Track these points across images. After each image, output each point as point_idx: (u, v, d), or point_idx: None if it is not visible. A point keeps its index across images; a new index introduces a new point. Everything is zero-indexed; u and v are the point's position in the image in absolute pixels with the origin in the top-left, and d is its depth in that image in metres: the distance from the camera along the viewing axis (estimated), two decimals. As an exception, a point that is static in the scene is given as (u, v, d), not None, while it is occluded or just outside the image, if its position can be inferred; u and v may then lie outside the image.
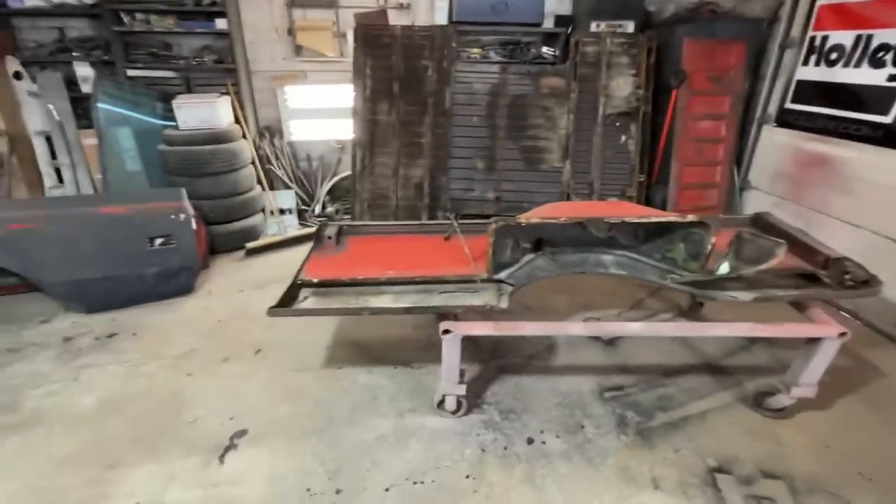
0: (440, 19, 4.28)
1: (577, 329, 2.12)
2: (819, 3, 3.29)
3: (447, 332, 1.93)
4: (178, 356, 2.64)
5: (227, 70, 4.34)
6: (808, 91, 3.40)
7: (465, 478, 1.90)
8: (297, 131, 4.79)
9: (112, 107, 3.77)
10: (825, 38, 3.23)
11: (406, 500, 1.81)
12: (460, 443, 2.07)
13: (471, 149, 4.19)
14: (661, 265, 2.23)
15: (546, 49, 4.48)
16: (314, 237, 2.50)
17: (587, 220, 2.15)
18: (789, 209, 3.57)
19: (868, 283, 2.05)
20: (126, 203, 3.10)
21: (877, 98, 2.86)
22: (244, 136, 4.18)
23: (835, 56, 3.15)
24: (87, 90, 4.03)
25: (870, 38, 2.90)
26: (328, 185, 4.81)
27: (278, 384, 2.43)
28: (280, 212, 4.44)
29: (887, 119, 2.81)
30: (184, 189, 3.31)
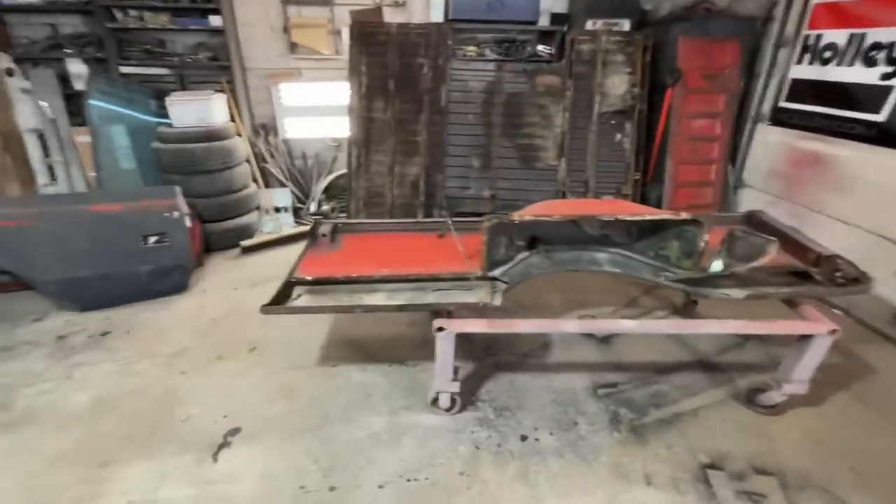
0: (436, 17, 4.27)
1: (570, 326, 2.12)
2: (813, 1, 3.30)
3: (441, 329, 1.93)
4: (172, 354, 2.63)
5: (221, 67, 4.33)
6: (802, 90, 3.41)
7: (459, 475, 1.90)
8: (293, 129, 4.78)
9: (105, 104, 3.75)
10: (819, 37, 3.25)
11: (400, 497, 1.81)
12: (454, 440, 2.07)
13: (466, 147, 4.19)
14: (654, 263, 2.24)
15: (542, 47, 4.48)
16: (309, 235, 2.49)
17: (581, 218, 2.16)
18: (783, 207, 3.59)
19: (859, 280, 2.07)
20: (120, 201, 3.09)
21: (870, 96, 2.87)
22: (239, 134, 4.17)
23: (828, 55, 3.16)
24: (81, 87, 4.00)
25: (863, 36, 2.92)
26: (324, 183, 4.80)
27: (272, 382, 2.42)
28: (275, 210, 4.42)
29: (880, 117, 2.82)
30: (178, 187, 3.30)
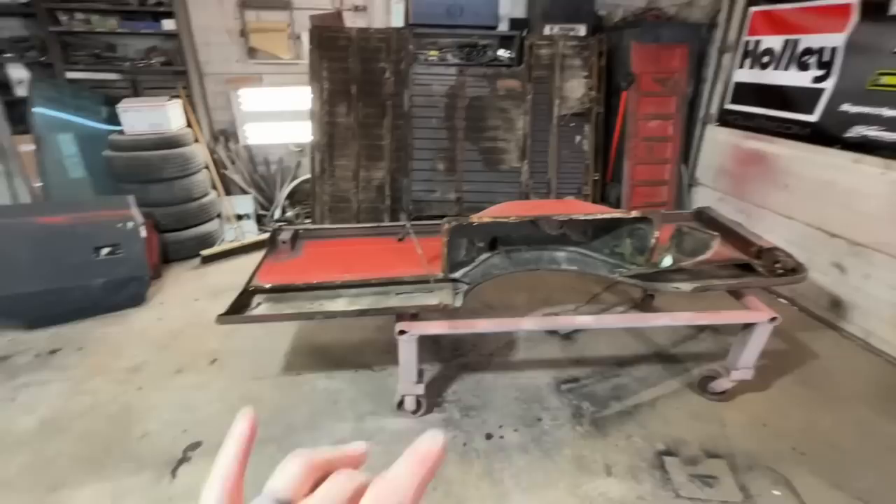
0: (396, 22, 4.29)
1: (529, 324, 2.18)
2: (752, 9, 3.50)
3: (403, 332, 1.94)
4: (128, 370, 2.53)
5: (176, 72, 4.20)
6: (745, 92, 3.61)
7: (425, 476, 1.91)
8: (254, 135, 4.69)
9: (50, 111, 3.58)
10: (758, 43, 3.45)
11: (365, 502, 1.80)
12: (420, 442, 2.08)
13: (431, 150, 4.22)
14: (610, 260, 2.32)
15: (502, 51, 4.56)
16: (268, 243, 2.46)
17: (537, 219, 2.21)
18: (732, 204, 3.78)
19: (796, 270, 2.21)
20: (68, 212, 2.97)
21: (804, 98, 3.07)
22: (197, 141, 4.06)
23: (766, 59, 3.36)
24: (23, 93, 3.80)
25: (796, 42, 3.12)
26: (287, 190, 4.72)
27: (235, 393, 2.37)
28: (237, 217, 4.33)
29: (813, 118, 3.02)
30: (132, 196, 3.19)
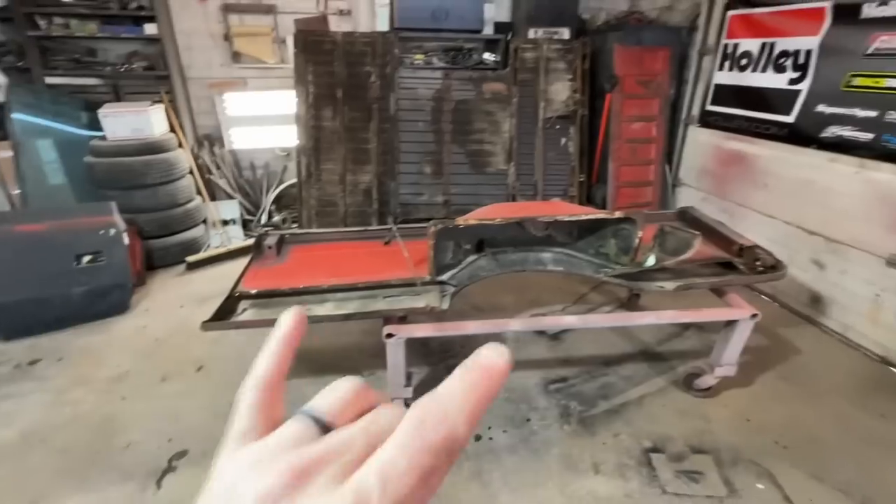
0: (381, 26, 4.29)
1: (516, 325, 2.19)
2: (730, 13, 3.58)
3: (390, 335, 1.94)
4: (111, 379, 2.49)
5: (159, 77, 4.15)
6: (725, 94, 3.69)
7: (415, 479, 1.91)
8: (239, 139, 4.65)
9: (29, 117, 3.52)
10: (736, 46, 3.52)
11: (355, 507, 1.79)
12: (410, 445, 2.08)
13: (418, 153, 4.23)
14: (595, 260, 2.34)
15: (487, 55, 4.59)
16: (253, 248, 2.44)
17: (523, 220, 2.23)
18: (715, 203, 3.85)
19: (775, 267, 2.25)
20: (48, 219, 2.92)
21: (781, 99, 3.14)
22: (181, 146, 4.02)
23: (745, 62, 3.44)
24: (0, 99, 3.73)
25: (773, 45, 3.20)
26: (273, 194, 4.69)
27: (221, 401, 2.34)
28: (223, 223, 4.29)
29: (790, 118, 3.09)
30: (114, 202, 3.15)
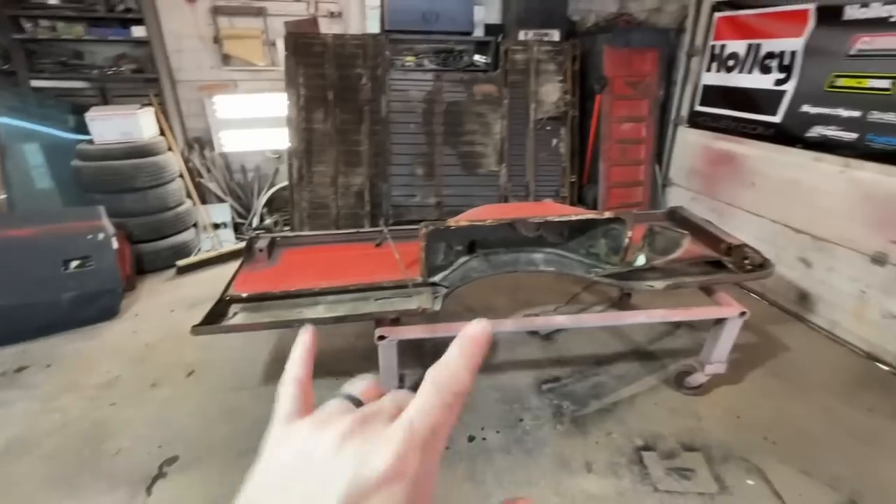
0: (372, 28, 4.29)
1: (509, 325, 2.20)
2: (717, 15, 3.62)
3: (382, 338, 1.94)
4: (100, 385, 2.46)
5: (148, 80, 4.12)
6: (713, 94, 3.73)
7: (408, 481, 1.91)
8: (230, 142, 4.62)
9: (14, 120, 3.47)
10: (723, 47, 3.57)
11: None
12: (403, 447, 2.08)
13: (410, 155, 4.23)
14: (586, 260, 2.36)
15: (478, 57, 4.60)
16: (244, 251, 2.43)
17: (514, 221, 2.24)
18: (704, 203, 3.89)
19: (763, 265, 2.28)
20: (34, 224, 2.89)
21: (767, 100, 3.19)
22: (170, 149, 3.99)
23: (732, 63, 3.48)
24: (-15, 103, 3.68)
25: (758, 46, 3.24)
26: (265, 197, 4.67)
27: (213, 405, 2.33)
28: (214, 226, 4.26)
29: (776, 119, 3.14)
30: (102, 207, 3.12)
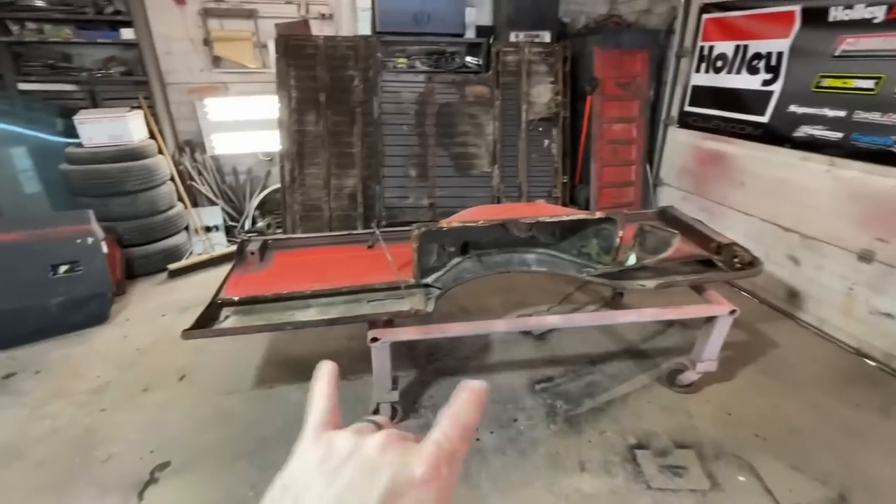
0: (363, 30, 4.29)
1: (500, 326, 2.20)
2: (705, 17, 3.66)
3: (375, 340, 1.94)
4: (90, 391, 2.44)
5: (137, 82, 4.09)
6: (702, 95, 3.76)
7: (402, 483, 1.91)
8: (221, 145, 4.60)
9: (1, 124, 3.43)
10: (711, 48, 3.60)
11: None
12: (397, 449, 2.07)
13: (402, 157, 4.23)
14: (577, 260, 2.37)
15: (470, 58, 4.61)
16: (236, 254, 2.41)
17: (506, 222, 2.25)
18: (695, 202, 3.93)
19: (752, 263, 2.31)
20: (22, 228, 2.85)
21: (755, 100, 3.22)
22: (161, 152, 3.96)
23: (720, 64, 3.52)
24: (-29, 106, 3.63)
25: (746, 47, 3.28)
26: (257, 200, 4.65)
27: (205, 410, 2.31)
28: (206, 229, 4.23)
29: (764, 118, 3.17)
30: (91, 210, 3.09)
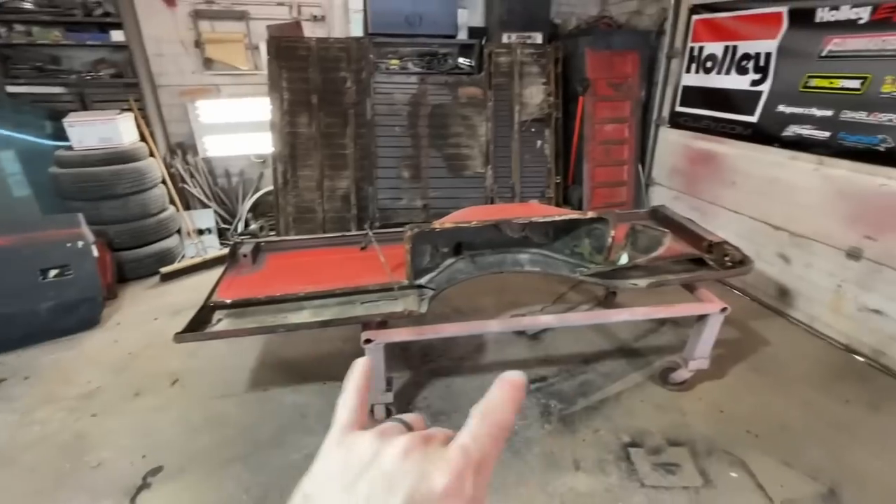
0: (356, 31, 4.29)
1: (495, 326, 2.21)
2: (694, 18, 3.70)
3: (369, 341, 1.93)
4: (81, 396, 2.41)
5: (127, 85, 4.05)
6: (692, 95, 3.80)
7: (397, 485, 1.90)
8: (213, 147, 4.57)
9: (-11, 127, 3.40)
10: (701, 49, 3.64)
11: (336, 515, 1.78)
12: (391, 451, 2.07)
13: (396, 158, 4.23)
14: (570, 260, 2.38)
15: (462, 60, 4.62)
16: (228, 257, 2.40)
17: (499, 222, 2.25)
18: (687, 202, 3.96)
19: (743, 262, 2.33)
20: (11, 232, 2.82)
21: (744, 100, 3.26)
22: (152, 155, 3.93)
23: (710, 64, 3.55)
24: (-42, 110, 3.59)
25: (735, 48, 3.31)
26: (250, 202, 4.63)
27: (198, 414, 2.29)
28: (198, 232, 4.20)
29: (754, 118, 3.21)
30: (81, 214, 3.06)
